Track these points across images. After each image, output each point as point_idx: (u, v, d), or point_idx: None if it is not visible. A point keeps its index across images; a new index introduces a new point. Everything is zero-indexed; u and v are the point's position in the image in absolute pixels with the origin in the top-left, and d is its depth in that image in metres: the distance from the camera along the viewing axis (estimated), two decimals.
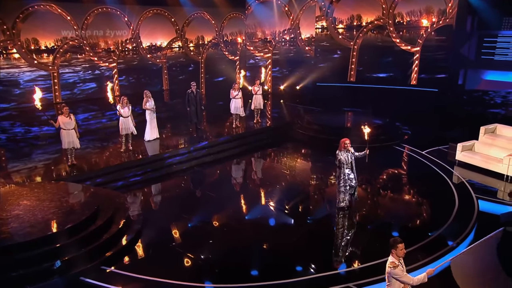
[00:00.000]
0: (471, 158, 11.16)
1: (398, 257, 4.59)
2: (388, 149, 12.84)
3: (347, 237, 7.77)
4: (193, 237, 7.64)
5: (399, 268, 4.53)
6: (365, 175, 10.09)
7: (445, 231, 7.66)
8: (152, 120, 11.95)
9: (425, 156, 12.15)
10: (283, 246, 7.29)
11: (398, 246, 4.55)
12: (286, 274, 6.33)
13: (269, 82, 20.80)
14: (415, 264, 6.44)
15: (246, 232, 7.83)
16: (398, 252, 4.57)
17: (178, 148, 11.61)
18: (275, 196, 9.70)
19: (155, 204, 9.59)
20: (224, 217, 8.42)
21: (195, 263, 6.76)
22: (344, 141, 8.11)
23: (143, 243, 7.39)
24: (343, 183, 8.20)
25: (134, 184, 10.15)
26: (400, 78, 17.63)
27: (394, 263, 4.56)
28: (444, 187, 9.88)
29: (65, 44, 14.53)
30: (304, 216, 8.65)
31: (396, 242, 4.57)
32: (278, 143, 13.68)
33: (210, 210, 8.81)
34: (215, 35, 19.79)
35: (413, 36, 17.25)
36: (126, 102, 10.70)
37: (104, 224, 7.14)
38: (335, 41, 18.76)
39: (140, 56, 17.14)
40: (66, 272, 6.09)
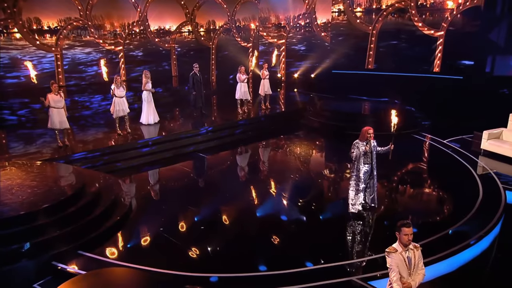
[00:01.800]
0: (499, 147, 10.18)
1: (402, 244, 3.86)
2: (406, 137, 11.94)
3: (359, 230, 6.99)
4: (185, 224, 7.02)
5: (393, 257, 3.80)
6: (382, 164, 9.23)
7: (466, 224, 6.81)
8: (150, 103, 11.40)
9: (447, 145, 11.22)
10: (283, 235, 6.61)
11: (402, 229, 3.82)
12: (285, 265, 5.67)
13: (283, 70, 20.04)
14: (431, 257, 5.66)
15: (242, 220, 7.19)
16: (401, 237, 3.84)
17: (179, 132, 11.02)
18: (278, 184, 9.01)
19: (149, 188, 9.01)
20: (222, 204, 7.78)
21: (182, 251, 6.14)
22: (367, 130, 6.91)
23: (128, 228, 6.82)
24: (355, 181, 7.08)
25: (129, 168, 9.62)
26: (422, 64, 16.58)
27: (393, 248, 3.85)
28: (466, 177, 8.97)
29: (68, 25, 14.13)
30: (312, 206, 7.91)
31: (401, 225, 3.84)
32: (287, 130, 12.93)
33: (206, 196, 8.23)
34: (227, 20, 19.13)
35: (437, 20, 16.16)
36: (121, 81, 10.16)
37: (86, 206, 6.61)
38: (353, 26, 17.82)
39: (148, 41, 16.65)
40: (36, 256, 5.56)
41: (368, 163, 7.04)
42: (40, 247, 5.67)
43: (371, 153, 7.02)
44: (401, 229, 3.83)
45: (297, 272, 5.54)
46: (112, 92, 10.04)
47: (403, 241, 3.85)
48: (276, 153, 11.41)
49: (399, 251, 3.86)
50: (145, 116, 11.45)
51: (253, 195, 8.47)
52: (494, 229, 6.68)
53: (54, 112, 8.94)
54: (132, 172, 9.50)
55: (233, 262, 5.84)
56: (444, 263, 5.76)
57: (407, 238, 3.82)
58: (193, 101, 12.52)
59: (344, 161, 9.86)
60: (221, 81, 18.46)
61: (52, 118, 8.99)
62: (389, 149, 7.02)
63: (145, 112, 11.43)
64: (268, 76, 13.42)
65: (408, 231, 3.81)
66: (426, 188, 8.79)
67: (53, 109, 8.93)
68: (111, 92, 10.06)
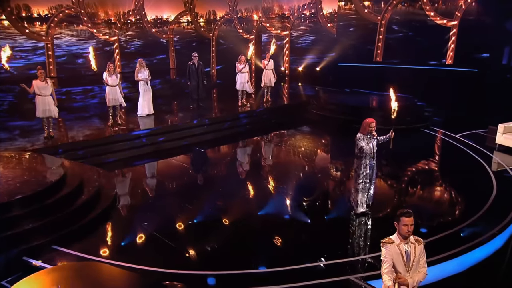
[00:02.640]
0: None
1: (401, 235, 3.52)
2: (416, 132, 11.59)
3: (361, 228, 6.63)
4: (172, 219, 6.72)
5: (388, 248, 3.48)
6: (387, 159, 8.87)
7: (478, 222, 6.44)
8: (146, 93, 11.12)
9: (459, 140, 10.82)
10: (280, 231, 6.28)
11: (401, 219, 3.48)
12: (282, 263, 5.34)
13: (286, 63, 19.69)
14: (437, 256, 5.31)
15: (234, 215, 6.86)
16: (400, 227, 3.50)
17: (172, 125, 10.74)
18: (272, 178, 8.69)
19: (136, 182, 8.67)
20: (212, 199, 7.47)
21: (166, 246, 5.83)
22: (369, 123, 6.43)
23: (110, 222, 6.54)
24: (362, 179, 6.58)
25: (118, 160, 9.34)
26: (434, 57, 16.14)
27: (390, 239, 3.53)
28: (479, 173, 8.58)
29: (60, 13, 13.92)
30: (312, 203, 7.56)
31: (400, 214, 3.50)
32: (288, 124, 12.57)
33: (195, 190, 7.93)
34: (229, 10, 18.84)
35: (450, 8, 15.71)
36: (113, 69, 9.89)
37: (66, 198, 6.33)
38: (360, 16, 17.43)
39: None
40: (5, 250, 5.28)
41: (372, 157, 6.60)
42: (11, 241, 5.39)
43: (375, 147, 6.61)
44: (400, 219, 3.49)
45: (294, 270, 5.22)
46: (105, 80, 9.76)
47: (402, 233, 3.51)
48: (272, 147, 11.09)
49: (396, 243, 3.53)
50: (139, 107, 11.18)
51: (245, 188, 8.18)
52: (509, 228, 6.30)
53: (39, 100, 8.69)
54: (121, 164, 9.22)
55: (223, 258, 5.54)
56: (452, 262, 5.40)
57: (406, 230, 3.48)
58: (190, 92, 12.24)
59: (346, 155, 9.51)
60: (225, 74, 18.15)
61: (38, 106, 8.74)
62: (389, 137, 6.54)
63: (140, 103, 11.15)
64: (270, 67, 13.06)
65: (408, 221, 3.47)
66: (435, 185, 8.40)
67: (38, 97, 8.68)
68: (104, 81, 9.78)
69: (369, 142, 6.47)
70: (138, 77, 10.89)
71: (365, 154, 6.51)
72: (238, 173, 9.33)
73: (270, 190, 8.11)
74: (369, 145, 6.46)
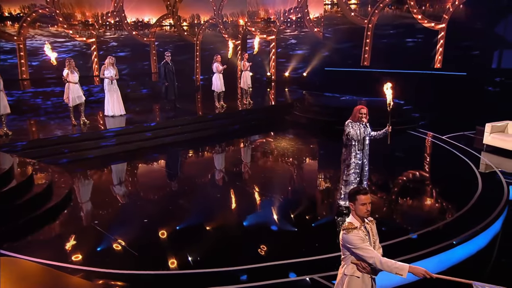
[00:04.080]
0: (503, 141, 9.38)
1: (358, 217, 3.06)
2: (401, 133, 11.22)
3: (335, 226, 6.17)
4: (122, 217, 6.26)
5: (356, 234, 2.99)
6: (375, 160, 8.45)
7: (459, 219, 6.01)
8: (113, 93, 10.69)
9: (445, 141, 10.45)
10: (242, 230, 5.82)
11: (358, 198, 3.03)
12: (240, 261, 4.87)
13: (273, 68, 19.40)
14: (415, 253, 4.85)
15: (194, 215, 6.39)
16: (357, 208, 3.04)
17: (141, 125, 10.27)
18: (242, 180, 8.25)
19: (92, 181, 8.24)
20: (168, 198, 7.18)
21: (111, 244, 5.33)
22: (359, 109, 6.05)
23: (56, 221, 6.05)
24: (353, 170, 6.16)
25: (78, 160, 8.86)
26: (422, 60, 15.90)
27: (351, 224, 3.04)
28: (464, 171, 8.20)
29: (33, 12, 13.55)
30: (283, 199, 7.10)
31: (355, 192, 3.05)
32: (269, 126, 12.15)
33: (157, 191, 7.46)
34: (213, 14, 18.59)
35: (437, 11, 15.54)
36: (74, 65, 9.45)
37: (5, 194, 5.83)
38: (347, 19, 17.22)
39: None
40: None
41: (361, 149, 6.16)
42: None
43: (363, 138, 6.15)
44: (356, 197, 3.04)
45: (253, 268, 4.75)
46: (64, 77, 9.32)
47: (360, 213, 3.05)
48: (248, 149, 10.64)
49: (359, 226, 3.07)
50: (107, 107, 10.74)
51: (208, 187, 7.79)
52: (493, 226, 5.86)
53: None
54: (80, 164, 8.72)
55: (177, 257, 5.05)
56: (432, 260, 4.94)
57: (365, 209, 3.03)
58: (164, 93, 11.82)
59: (325, 156, 9.12)
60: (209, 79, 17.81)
61: None
62: (386, 131, 6.08)
63: (107, 102, 10.71)
64: (249, 68, 12.72)
65: (365, 199, 3.02)
66: (417, 184, 7.98)
67: None
68: (63, 78, 9.34)
69: (358, 129, 6.06)
70: (104, 75, 10.46)
71: (353, 142, 6.08)
72: (205, 173, 8.84)
73: (235, 188, 7.66)
74: (356, 131, 6.05)
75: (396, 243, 5.20)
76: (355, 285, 3.05)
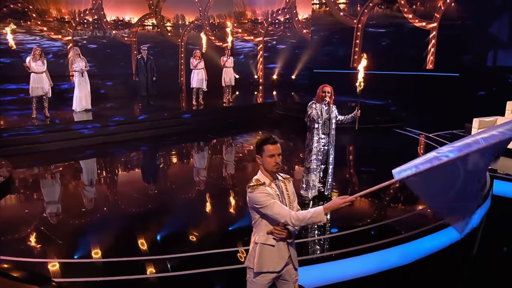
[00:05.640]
0: None
1: (267, 172, 2.63)
2: (386, 131, 10.83)
3: None
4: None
5: (262, 190, 2.53)
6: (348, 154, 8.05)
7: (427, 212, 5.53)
8: (82, 86, 10.28)
9: (433, 139, 10.01)
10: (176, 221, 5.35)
11: (265, 148, 2.57)
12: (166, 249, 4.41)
13: (261, 71, 19.06)
14: (374, 243, 4.38)
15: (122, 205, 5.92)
16: (265, 160, 2.59)
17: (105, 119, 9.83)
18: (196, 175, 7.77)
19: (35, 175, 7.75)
20: (109, 193, 6.78)
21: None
22: (322, 87, 5.63)
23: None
24: (315, 156, 5.69)
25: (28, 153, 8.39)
26: (414, 61, 15.55)
27: (258, 180, 2.59)
28: None
29: (4, 7, 13.24)
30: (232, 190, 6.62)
31: (262, 142, 2.61)
32: (247, 123, 11.67)
33: (104, 186, 7.06)
34: (199, 15, 18.33)
35: (428, 10, 15.26)
36: (40, 53, 9.06)
37: None
38: (335, 19, 16.93)
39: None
40: None
41: (326, 133, 5.72)
42: None
43: (329, 120, 5.70)
44: (263, 148, 2.60)
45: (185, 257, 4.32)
46: (27, 64, 8.89)
47: (269, 167, 2.62)
48: (219, 145, 10.18)
49: (267, 184, 2.62)
50: (75, 101, 10.32)
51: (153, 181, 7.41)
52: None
53: None
54: (28, 157, 8.26)
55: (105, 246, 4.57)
56: (393, 251, 4.45)
57: (273, 162, 2.59)
58: (138, 89, 11.43)
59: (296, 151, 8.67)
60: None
61: None
62: (355, 115, 5.73)
63: (76, 96, 10.30)
64: (230, 64, 12.35)
65: (274, 150, 2.58)
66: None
67: None
68: (24, 65, 8.91)
69: (320, 109, 5.63)
70: (73, 68, 10.06)
71: (315, 125, 5.64)
72: (153, 167, 8.46)
73: (191, 182, 7.20)
74: (318, 111, 5.60)
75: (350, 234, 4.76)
76: (269, 255, 2.60)
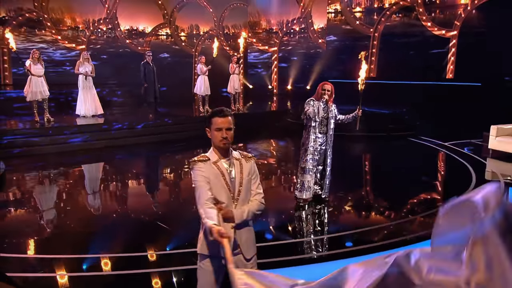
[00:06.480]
0: (511, 144, 8.47)
1: (216, 148, 2.49)
2: (399, 138, 10.50)
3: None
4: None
5: (200, 167, 2.40)
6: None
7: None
8: (87, 91, 10.35)
9: (447, 147, 9.62)
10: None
11: (212, 121, 2.44)
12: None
13: (275, 81, 18.95)
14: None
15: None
16: (212, 134, 2.45)
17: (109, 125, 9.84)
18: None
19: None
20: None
21: None
22: (323, 85, 5.48)
23: None
24: (310, 156, 5.48)
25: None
26: (433, 70, 15.14)
27: (204, 156, 2.48)
28: (460, 170, 7.42)
29: (19, 16, 13.59)
30: None
31: (212, 114, 2.48)
32: (254, 131, 11.40)
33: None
34: (214, 25, 18.44)
35: (448, 18, 14.88)
36: (38, 56, 9.17)
37: None
38: (351, 28, 16.73)
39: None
40: None
41: (323, 133, 5.49)
42: None
43: (327, 119, 5.49)
44: (211, 121, 2.43)
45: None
46: (27, 68, 9.03)
47: (216, 143, 2.45)
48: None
49: (213, 160, 2.43)
50: (79, 106, 10.38)
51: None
52: None
53: None
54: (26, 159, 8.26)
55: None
56: None
57: (220, 136, 2.40)
58: (143, 94, 11.43)
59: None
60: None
61: None
62: (356, 115, 5.55)
63: (79, 101, 10.37)
64: (238, 71, 12.27)
65: (222, 123, 2.40)
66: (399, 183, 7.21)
67: None
68: (25, 68, 9.05)
69: (318, 107, 5.45)
70: (78, 70, 10.15)
71: (312, 123, 5.45)
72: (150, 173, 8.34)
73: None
74: (314, 109, 5.42)
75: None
76: None
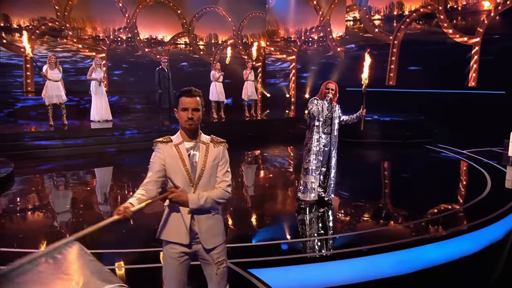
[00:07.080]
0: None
1: (183, 130, 2.47)
2: (415, 146, 10.29)
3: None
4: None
5: (158, 149, 2.43)
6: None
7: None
8: (99, 96, 10.57)
9: (466, 154, 9.36)
10: None
11: (180, 100, 2.43)
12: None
13: (293, 90, 18.94)
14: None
15: None
16: (179, 114, 2.44)
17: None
18: None
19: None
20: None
21: None
22: (327, 84, 5.40)
23: None
24: (313, 156, 5.40)
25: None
26: (455, 78, 14.82)
27: (167, 137, 2.50)
28: (475, 177, 7.19)
29: (42, 25, 14.07)
30: None
31: (181, 93, 2.45)
32: (263, 138, 11.35)
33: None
34: (232, 35, 18.64)
35: (471, 24, 14.59)
36: (55, 61, 9.44)
37: None
38: (370, 36, 16.60)
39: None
40: None
41: (327, 133, 5.43)
42: None
43: (331, 119, 5.42)
44: (179, 100, 2.42)
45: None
46: (43, 73, 9.31)
47: (182, 123, 2.43)
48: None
49: (176, 142, 2.41)
50: (93, 111, 10.61)
51: None
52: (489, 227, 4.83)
53: None
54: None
55: None
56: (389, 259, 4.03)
57: (185, 116, 2.37)
58: (158, 101, 11.61)
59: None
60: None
61: None
62: (360, 115, 5.47)
63: (94, 107, 10.59)
64: (252, 78, 12.32)
65: (188, 103, 2.39)
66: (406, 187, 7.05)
67: None
68: (42, 73, 9.33)
69: (321, 106, 5.37)
70: (91, 76, 10.39)
71: (316, 122, 5.38)
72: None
73: None
74: (318, 108, 5.34)
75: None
76: (172, 222, 2.39)
